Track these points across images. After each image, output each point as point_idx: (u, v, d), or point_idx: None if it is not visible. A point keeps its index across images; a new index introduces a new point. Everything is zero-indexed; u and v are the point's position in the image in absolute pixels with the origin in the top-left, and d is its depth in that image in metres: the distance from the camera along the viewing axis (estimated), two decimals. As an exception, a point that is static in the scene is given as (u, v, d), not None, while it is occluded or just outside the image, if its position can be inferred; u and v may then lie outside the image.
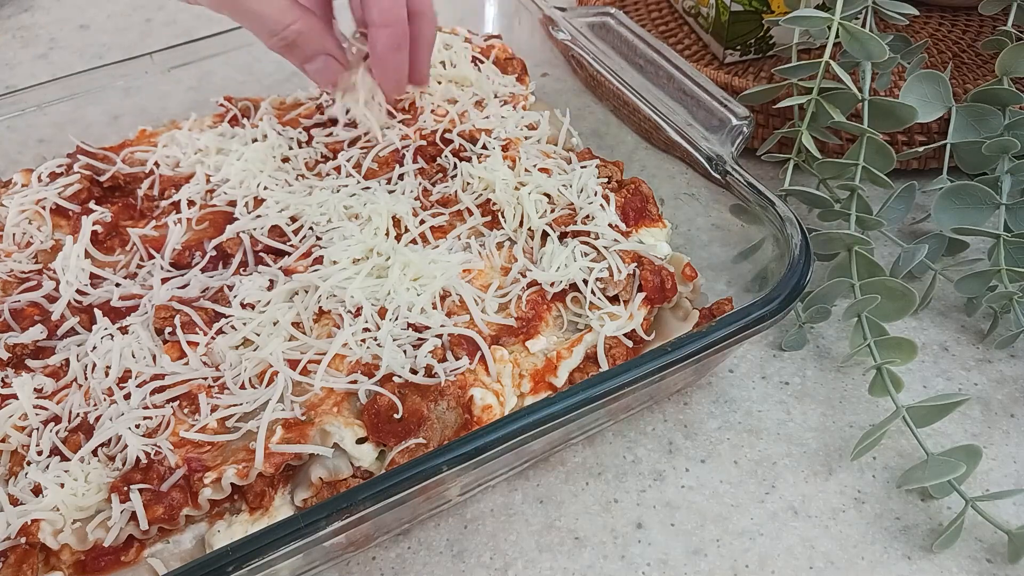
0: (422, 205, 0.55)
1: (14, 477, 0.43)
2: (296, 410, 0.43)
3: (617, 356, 0.48)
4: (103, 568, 0.41)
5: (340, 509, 0.38)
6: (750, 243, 0.53)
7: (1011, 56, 0.57)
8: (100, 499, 0.41)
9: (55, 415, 0.45)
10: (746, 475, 0.50)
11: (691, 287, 0.52)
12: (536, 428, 0.41)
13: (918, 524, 0.47)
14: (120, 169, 0.59)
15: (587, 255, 0.50)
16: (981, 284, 0.55)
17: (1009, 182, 0.57)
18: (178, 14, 0.94)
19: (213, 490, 0.41)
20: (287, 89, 0.69)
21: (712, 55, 0.74)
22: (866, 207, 0.57)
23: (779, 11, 0.68)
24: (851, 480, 0.49)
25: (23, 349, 0.48)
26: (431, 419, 0.44)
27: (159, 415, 0.43)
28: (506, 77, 0.66)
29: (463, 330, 0.46)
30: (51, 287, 0.51)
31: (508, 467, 0.48)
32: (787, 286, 0.46)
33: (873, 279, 0.53)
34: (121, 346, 0.46)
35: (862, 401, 0.53)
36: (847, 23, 0.56)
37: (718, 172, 0.54)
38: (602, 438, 0.52)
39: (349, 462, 0.44)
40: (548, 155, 0.59)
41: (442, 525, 0.48)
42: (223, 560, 0.36)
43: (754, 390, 0.54)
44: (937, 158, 0.63)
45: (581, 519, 0.48)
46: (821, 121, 0.59)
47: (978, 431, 0.52)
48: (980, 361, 0.56)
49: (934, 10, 0.78)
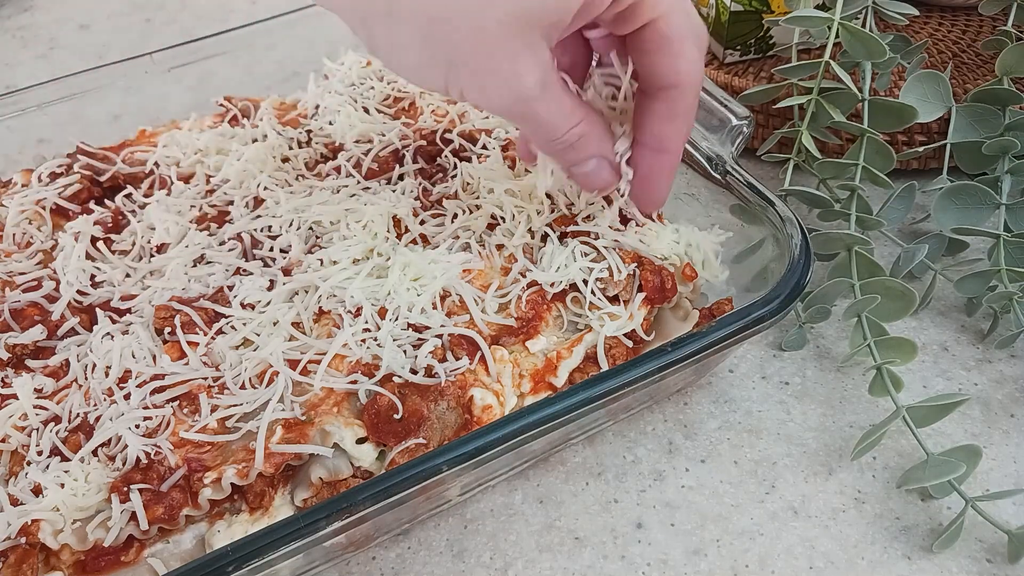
0: (422, 205, 0.55)
1: (14, 477, 0.43)
2: (296, 410, 0.43)
3: (617, 356, 0.48)
4: (103, 568, 0.41)
5: (340, 509, 0.38)
6: (750, 243, 0.53)
7: (1011, 56, 0.57)
8: (100, 499, 0.41)
9: (55, 415, 0.45)
10: (746, 475, 0.50)
11: (691, 287, 0.52)
12: (536, 428, 0.41)
13: (918, 524, 0.47)
14: (120, 169, 0.60)
15: (587, 255, 0.50)
16: (981, 284, 0.55)
17: (1009, 182, 0.57)
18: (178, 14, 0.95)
19: (213, 490, 0.41)
20: (287, 89, 0.69)
21: (712, 55, 0.74)
22: (866, 207, 0.57)
23: (779, 11, 0.68)
24: (851, 480, 0.49)
25: (23, 349, 0.48)
26: (431, 419, 0.44)
27: (159, 415, 0.43)
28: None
29: (463, 330, 0.46)
30: (51, 287, 0.51)
31: (508, 467, 0.48)
32: (787, 286, 0.46)
33: (873, 279, 0.53)
34: (121, 346, 0.46)
35: (862, 401, 0.53)
36: (847, 23, 0.56)
37: (718, 172, 0.54)
38: (602, 438, 0.52)
39: (349, 462, 0.44)
40: (548, 155, 0.59)
41: (442, 525, 0.48)
42: (223, 560, 0.36)
43: (754, 390, 0.54)
44: (937, 158, 0.63)
45: (581, 519, 0.48)
46: (821, 121, 0.59)
47: (978, 431, 0.52)
48: (980, 361, 0.56)
49: (934, 10, 0.78)
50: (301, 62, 0.70)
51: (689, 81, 0.43)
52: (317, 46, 0.70)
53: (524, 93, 0.39)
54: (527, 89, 0.39)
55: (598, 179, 0.46)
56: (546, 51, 0.39)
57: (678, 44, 0.41)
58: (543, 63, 0.39)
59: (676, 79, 0.43)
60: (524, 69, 0.38)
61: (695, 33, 0.42)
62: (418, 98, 0.63)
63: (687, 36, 0.42)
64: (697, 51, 0.43)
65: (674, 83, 0.43)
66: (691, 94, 0.44)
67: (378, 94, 0.64)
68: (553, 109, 0.41)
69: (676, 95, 0.43)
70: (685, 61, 0.42)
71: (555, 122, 0.42)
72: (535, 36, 0.38)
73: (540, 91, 0.39)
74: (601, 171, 0.46)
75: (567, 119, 0.42)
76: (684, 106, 0.44)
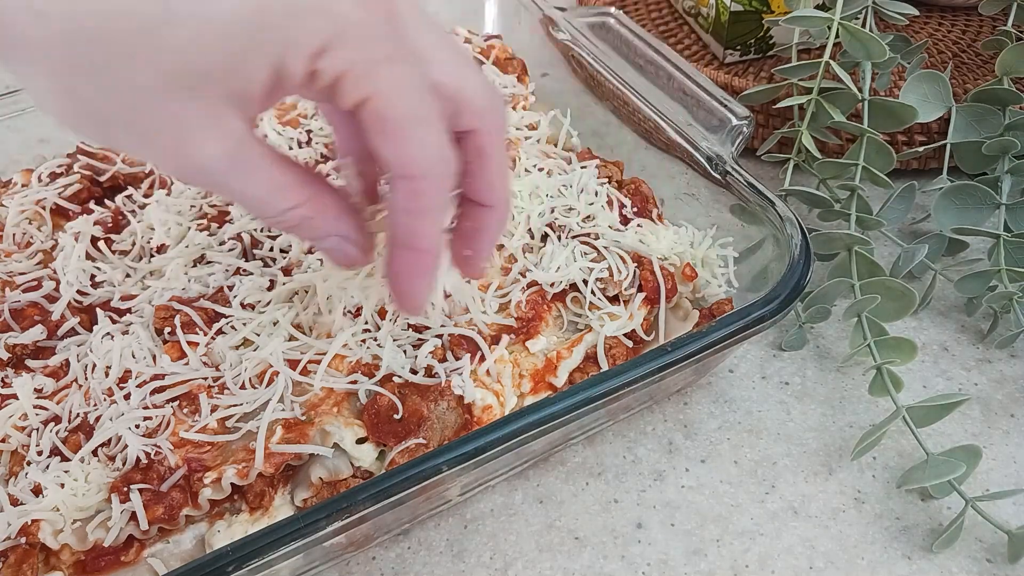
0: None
1: (14, 477, 0.43)
2: (296, 410, 0.43)
3: (617, 356, 0.48)
4: (103, 568, 0.41)
5: (340, 509, 0.37)
6: (750, 243, 0.53)
7: (1011, 56, 0.57)
8: (100, 499, 0.41)
9: (55, 415, 0.45)
10: (746, 475, 0.50)
11: (691, 287, 0.52)
12: (536, 428, 0.41)
13: (918, 524, 0.47)
14: (120, 169, 0.59)
15: (587, 255, 0.50)
16: (981, 284, 0.55)
17: (1009, 182, 0.57)
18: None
19: (213, 490, 0.41)
20: (287, 89, 0.69)
21: (712, 55, 0.74)
22: (866, 207, 0.57)
23: (779, 11, 0.68)
24: (851, 480, 0.49)
25: (23, 349, 0.48)
26: (431, 419, 0.44)
27: (159, 415, 0.43)
28: (506, 77, 0.66)
29: (463, 330, 0.46)
30: (51, 287, 0.51)
31: (508, 467, 0.48)
32: (787, 286, 0.46)
33: (873, 279, 0.53)
34: (121, 346, 0.46)
35: (862, 401, 0.53)
36: (847, 23, 0.56)
37: (718, 172, 0.54)
38: (602, 438, 0.52)
39: (349, 462, 0.44)
40: (548, 155, 0.59)
41: (442, 525, 0.48)
42: (223, 560, 0.36)
43: (754, 390, 0.54)
44: (937, 158, 0.63)
45: (581, 519, 0.48)
46: (821, 121, 0.59)
47: (978, 431, 0.52)
48: (980, 361, 0.56)
49: (934, 10, 0.78)
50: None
51: (420, 171, 0.34)
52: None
53: (204, 165, 0.33)
54: (207, 161, 0.33)
55: (342, 257, 0.39)
56: (236, 120, 0.33)
57: (397, 127, 0.33)
58: (232, 134, 0.33)
59: (403, 169, 0.34)
60: (201, 138, 0.32)
61: (438, 112, 0.34)
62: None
63: (413, 119, 0.33)
64: (431, 134, 0.34)
65: (402, 173, 0.34)
66: (432, 187, 0.35)
67: (378, 94, 0.64)
68: (256, 186, 0.34)
69: (411, 188, 0.35)
70: (413, 147, 0.34)
71: (263, 200, 0.35)
72: (216, 102, 0.32)
73: (229, 165, 0.33)
74: (344, 248, 0.39)
75: (282, 199, 0.35)
76: (427, 203, 0.35)
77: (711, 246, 0.53)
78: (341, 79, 0.32)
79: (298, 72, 0.32)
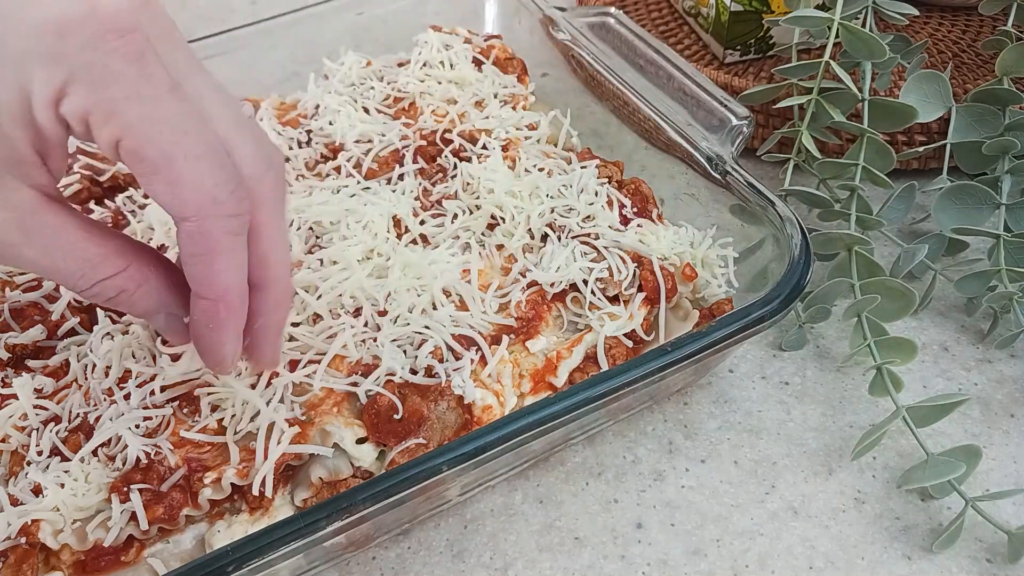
0: (422, 205, 0.55)
1: (14, 477, 0.43)
2: (296, 410, 0.43)
3: (617, 356, 0.48)
4: (103, 568, 0.41)
5: (340, 509, 0.38)
6: (750, 243, 0.53)
7: (1011, 56, 0.57)
8: (100, 499, 0.41)
9: (55, 415, 0.45)
10: (746, 475, 0.50)
11: (691, 287, 0.52)
12: (536, 428, 0.41)
13: (918, 524, 0.47)
14: (120, 169, 0.59)
15: (587, 255, 0.50)
16: (981, 284, 0.55)
17: (1009, 182, 0.57)
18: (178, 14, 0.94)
19: (213, 490, 0.41)
20: (287, 89, 0.69)
21: (712, 55, 0.74)
22: (866, 207, 0.57)
23: (779, 11, 0.68)
24: (851, 480, 0.49)
25: (23, 349, 0.48)
26: (431, 419, 0.44)
27: (159, 415, 0.43)
28: (506, 77, 0.66)
29: (463, 330, 0.46)
30: (51, 287, 0.51)
31: (508, 467, 0.48)
32: (787, 286, 0.46)
33: (873, 279, 0.53)
34: (121, 346, 0.46)
35: (862, 401, 0.53)
36: (847, 23, 0.56)
37: (718, 172, 0.54)
38: (602, 438, 0.52)
39: (349, 462, 0.44)
40: (548, 155, 0.59)
41: (442, 525, 0.48)
42: (223, 560, 0.36)
43: (754, 390, 0.54)
44: (937, 158, 0.63)
45: (581, 519, 0.48)
46: (821, 121, 0.59)
47: (978, 431, 0.52)
48: (980, 361, 0.56)
49: (934, 10, 0.78)
50: (301, 62, 0.70)
51: (193, 210, 0.32)
52: (317, 46, 0.69)
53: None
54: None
55: (174, 335, 0.38)
56: (22, 190, 0.32)
57: (157, 166, 0.32)
58: (17, 204, 0.32)
59: (176, 210, 0.32)
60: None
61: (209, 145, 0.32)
62: (418, 98, 0.63)
63: (176, 155, 0.32)
64: (202, 170, 0.32)
65: (178, 215, 0.33)
66: (212, 227, 0.33)
67: (378, 94, 0.64)
68: (56, 256, 0.33)
69: (189, 230, 0.33)
70: (181, 187, 0.32)
71: (68, 271, 0.33)
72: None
73: (22, 236, 0.32)
74: (175, 326, 0.37)
75: (91, 270, 0.33)
76: (208, 245, 0.33)
77: (711, 246, 0.53)
78: (89, 121, 0.31)
79: (48, 121, 0.31)
